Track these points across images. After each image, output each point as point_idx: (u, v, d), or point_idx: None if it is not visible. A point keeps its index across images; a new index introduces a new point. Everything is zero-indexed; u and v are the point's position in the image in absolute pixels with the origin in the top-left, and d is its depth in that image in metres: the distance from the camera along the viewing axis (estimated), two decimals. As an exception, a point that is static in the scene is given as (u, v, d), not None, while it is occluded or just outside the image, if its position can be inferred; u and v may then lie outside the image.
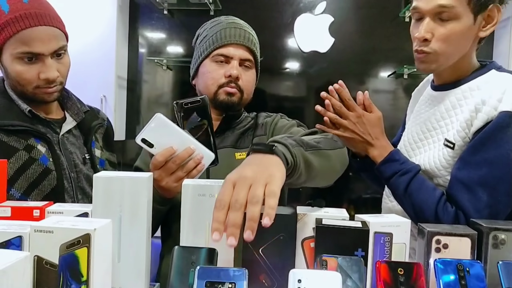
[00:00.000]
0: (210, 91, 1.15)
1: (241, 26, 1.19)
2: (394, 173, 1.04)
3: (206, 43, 1.17)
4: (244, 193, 0.65)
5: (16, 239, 0.61)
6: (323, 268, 0.67)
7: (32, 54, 1.02)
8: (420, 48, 1.01)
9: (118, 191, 0.76)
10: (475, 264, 0.67)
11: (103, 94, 2.42)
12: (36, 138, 1.06)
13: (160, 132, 0.88)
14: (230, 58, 1.15)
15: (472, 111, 0.96)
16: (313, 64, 2.58)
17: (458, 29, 0.97)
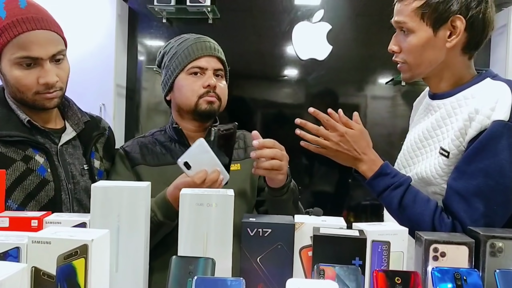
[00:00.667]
0: (191, 102, 1.19)
1: (208, 40, 1.25)
2: (387, 187, 1.02)
3: (179, 59, 1.21)
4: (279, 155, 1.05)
5: (13, 250, 0.61)
6: (320, 277, 0.67)
7: (31, 59, 1.01)
8: (394, 58, 1.11)
9: (116, 201, 0.76)
10: (472, 272, 0.67)
11: (102, 103, 2.43)
12: (34, 148, 1.05)
13: (198, 156, 1.00)
14: (205, 69, 1.20)
15: (466, 120, 0.97)
16: (311, 71, 2.59)
17: (416, 42, 1.03)
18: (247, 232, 0.77)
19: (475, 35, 1.02)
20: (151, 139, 1.26)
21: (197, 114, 1.20)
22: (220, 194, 0.79)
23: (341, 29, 2.50)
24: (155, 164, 1.20)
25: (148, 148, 1.23)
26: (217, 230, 0.78)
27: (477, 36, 1.03)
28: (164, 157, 1.21)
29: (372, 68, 2.56)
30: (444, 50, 1.03)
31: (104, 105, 2.43)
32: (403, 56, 1.07)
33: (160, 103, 2.82)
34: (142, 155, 1.21)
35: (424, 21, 1.01)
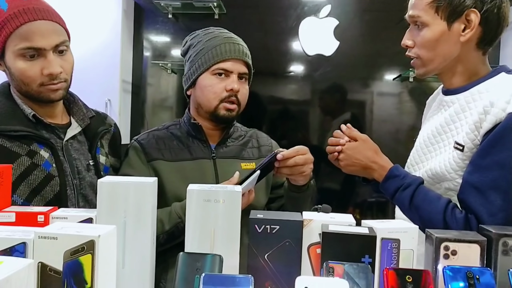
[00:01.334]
0: (211, 105, 1.19)
1: (238, 41, 1.23)
2: (397, 189, 1.03)
3: (205, 57, 1.19)
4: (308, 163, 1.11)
5: (20, 245, 0.60)
6: (329, 275, 0.66)
7: (34, 50, 1.01)
8: (407, 53, 1.10)
9: (122, 197, 0.75)
10: (485, 271, 0.66)
11: (108, 98, 2.42)
12: (39, 143, 1.05)
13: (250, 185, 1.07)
14: (230, 72, 1.19)
15: (481, 113, 0.96)
16: (318, 67, 2.57)
17: (430, 35, 1.03)
18: (254, 229, 0.76)
19: (490, 30, 1.02)
20: (167, 132, 1.25)
21: (215, 118, 1.21)
22: (227, 190, 0.78)
23: (348, 25, 2.47)
24: (172, 159, 1.19)
25: (164, 143, 1.22)
26: (224, 226, 0.77)
27: (492, 31, 1.02)
28: (182, 152, 1.20)
29: (380, 64, 2.53)
30: (458, 44, 1.02)
31: (110, 100, 2.43)
32: (416, 50, 1.06)
33: (165, 99, 2.81)
34: (159, 149, 1.20)
35: (438, 15, 1.01)
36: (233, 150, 1.26)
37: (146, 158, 1.19)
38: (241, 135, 1.31)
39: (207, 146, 1.23)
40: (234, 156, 1.24)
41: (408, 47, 1.08)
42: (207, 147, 1.23)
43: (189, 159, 1.19)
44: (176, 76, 2.76)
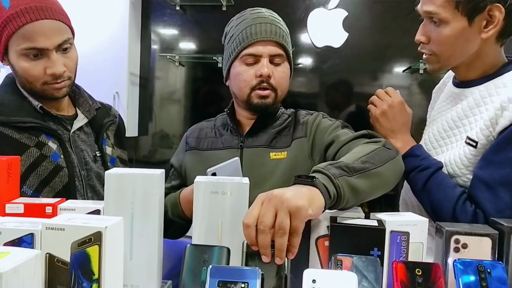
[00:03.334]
0: (244, 94, 1.12)
1: (267, 20, 1.12)
2: (414, 168, 1.02)
3: (234, 44, 1.13)
4: (269, 217, 0.68)
5: (28, 236, 0.61)
6: (338, 268, 0.66)
7: (37, 50, 1.01)
8: (420, 49, 1.05)
9: (130, 188, 0.75)
10: (497, 265, 0.65)
11: (116, 91, 2.43)
12: (47, 135, 1.05)
13: (230, 172, 0.94)
14: (259, 57, 1.10)
15: (498, 109, 0.93)
16: (326, 59, 2.55)
17: (449, 33, 0.97)
18: (262, 221, 0.76)
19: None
20: (212, 123, 1.25)
21: (250, 107, 1.13)
22: (235, 182, 0.78)
23: (357, 16, 2.44)
24: (206, 148, 1.18)
25: (205, 133, 1.22)
26: (232, 218, 0.77)
27: None
28: (216, 142, 1.19)
29: (389, 55, 2.50)
30: (478, 40, 0.97)
31: (118, 93, 2.43)
32: (431, 47, 1.01)
33: (174, 92, 2.81)
34: (198, 139, 1.21)
35: (458, 11, 0.95)
36: (264, 139, 1.15)
37: (186, 147, 1.21)
38: (283, 121, 1.18)
39: (238, 135, 1.17)
40: (263, 145, 1.14)
41: (422, 43, 1.03)
42: (238, 136, 1.17)
43: (219, 148, 1.17)
44: (184, 68, 2.76)
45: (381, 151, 0.92)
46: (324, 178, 0.77)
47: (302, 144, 1.13)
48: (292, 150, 1.12)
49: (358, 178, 0.81)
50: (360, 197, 0.82)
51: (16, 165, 0.83)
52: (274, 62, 1.11)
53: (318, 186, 0.74)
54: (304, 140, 1.13)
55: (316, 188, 0.73)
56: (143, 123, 2.73)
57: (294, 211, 0.68)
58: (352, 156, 0.88)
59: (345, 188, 0.77)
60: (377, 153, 0.90)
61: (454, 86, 1.09)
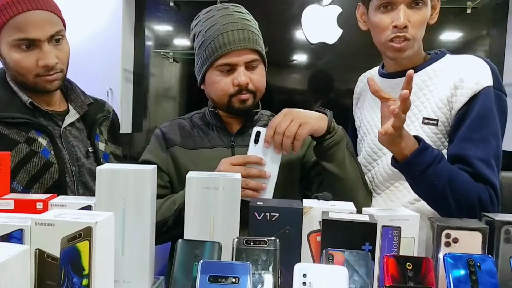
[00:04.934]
0: (223, 102, 1.12)
1: (238, 25, 1.09)
2: (432, 161, 0.95)
3: (206, 51, 1.10)
4: (286, 123, 0.99)
5: (17, 232, 0.60)
6: (329, 262, 0.66)
7: (29, 41, 1.00)
8: (402, 34, 1.04)
9: (121, 184, 0.75)
10: (486, 259, 0.65)
11: (109, 87, 2.41)
12: (37, 130, 1.04)
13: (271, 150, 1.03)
14: (235, 65, 1.08)
15: (452, 89, 1.04)
16: (321, 56, 2.55)
17: (428, 14, 1.07)
18: (254, 216, 0.76)
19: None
20: (189, 121, 1.22)
21: (231, 110, 1.13)
22: (227, 177, 0.78)
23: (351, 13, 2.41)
24: (191, 147, 1.16)
25: (186, 131, 1.19)
26: (224, 214, 0.77)
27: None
28: (201, 141, 1.17)
29: (383, 52, 2.50)
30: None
31: (112, 89, 2.42)
32: (411, 31, 1.05)
33: (169, 89, 2.80)
34: (179, 136, 1.18)
35: None
36: None
37: (166, 145, 1.17)
38: (266, 120, 1.21)
39: (227, 135, 1.17)
40: None
41: (406, 27, 1.04)
42: (227, 135, 1.17)
43: (207, 147, 1.15)
44: (178, 65, 2.75)
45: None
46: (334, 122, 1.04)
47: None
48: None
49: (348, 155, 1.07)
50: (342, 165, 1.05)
51: (6, 161, 0.82)
52: (250, 67, 1.10)
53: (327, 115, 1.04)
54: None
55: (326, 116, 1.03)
56: (137, 120, 2.72)
57: (303, 123, 0.99)
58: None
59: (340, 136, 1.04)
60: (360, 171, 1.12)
61: (390, 78, 1.15)
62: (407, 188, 1.11)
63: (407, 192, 1.12)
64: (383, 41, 1.07)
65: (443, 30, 2.56)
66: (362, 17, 1.17)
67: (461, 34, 2.57)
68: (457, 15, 2.52)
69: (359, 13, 1.18)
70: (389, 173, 1.12)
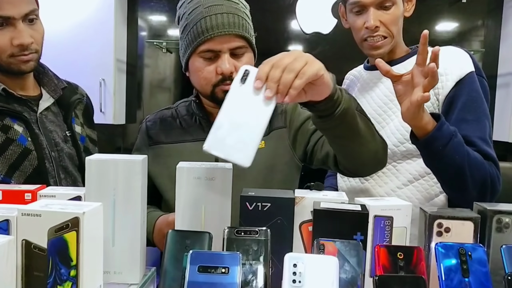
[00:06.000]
0: (206, 91, 1.04)
1: (223, 9, 1.00)
2: (452, 135, 0.97)
3: (189, 37, 1.02)
4: (288, 60, 0.72)
5: (3, 223, 0.59)
6: (320, 252, 0.65)
7: (2, 19, 0.96)
8: (375, 34, 1.14)
9: (111, 174, 0.74)
10: (477, 248, 0.65)
11: (102, 78, 2.39)
12: (12, 118, 1.01)
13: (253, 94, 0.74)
14: (219, 52, 1.00)
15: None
16: (315, 46, 2.53)
17: (399, 13, 1.15)
18: (245, 206, 0.75)
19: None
20: (174, 111, 1.16)
21: (216, 101, 1.05)
22: (218, 167, 0.77)
23: (346, 2, 2.43)
24: (173, 141, 1.11)
25: (168, 123, 1.13)
26: (215, 204, 0.76)
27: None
28: (183, 133, 1.11)
29: (378, 42, 2.49)
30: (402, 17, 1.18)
31: (104, 80, 2.40)
32: (384, 30, 1.14)
33: (163, 80, 2.78)
34: (161, 131, 1.13)
35: None
36: None
37: (149, 142, 1.13)
38: None
39: (209, 125, 1.11)
40: None
41: (377, 27, 1.13)
42: (209, 126, 1.11)
43: (189, 140, 1.09)
44: (172, 55, 2.73)
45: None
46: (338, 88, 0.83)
47: (281, 135, 1.08)
48: (271, 141, 1.07)
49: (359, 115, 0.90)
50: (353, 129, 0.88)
51: (-7, 151, 0.81)
52: (235, 54, 1.01)
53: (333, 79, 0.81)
54: (284, 130, 1.09)
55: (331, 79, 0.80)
56: (130, 111, 2.70)
57: (311, 61, 0.74)
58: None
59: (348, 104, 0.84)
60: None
61: (373, 70, 1.22)
62: (395, 173, 1.15)
63: (395, 177, 1.16)
64: (359, 40, 1.18)
65: (438, 21, 2.55)
66: (344, 16, 1.25)
67: (456, 24, 2.56)
68: (452, 5, 2.51)
69: (341, 12, 1.26)
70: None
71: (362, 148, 0.92)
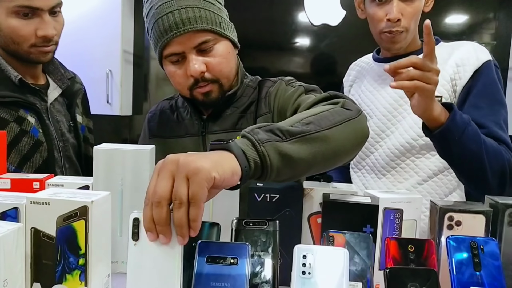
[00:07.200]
0: (186, 95, 0.99)
1: (173, 7, 0.90)
2: (466, 124, 0.95)
3: (153, 41, 0.96)
4: (164, 185, 0.55)
5: (12, 210, 0.59)
6: (330, 244, 0.65)
7: (30, 9, 0.97)
8: (395, 28, 1.11)
9: (119, 164, 0.74)
10: (489, 241, 0.64)
11: (109, 69, 2.39)
12: (25, 108, 1.02)
13: None
14: (183, 53, 0.92)
15: (454, 67, 1.11)
16: (323, 38, 2.51)
17: (421, 6, 1.13)
18: (254, 197, 0.75)
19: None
20: (174, 103, 1.11)
21: (199, 103, 1.00)
22: None
23: (355, -6, 2.40)
24: (168, 136, 1.07)
25: (166, 116, 1.09)
26: (223, 195, 0.75)
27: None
28: (177, 127, 1.06)
29: (387, 35, 2.46)
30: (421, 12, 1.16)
31: (111, 71, 2.39)
32: (404, 23, 1.11)
33: (168, 71, 2.77)
34: (158, 124, 1.10)
35: None
36: (228, 121, 1.00)
37: (149, 134, 1.11)
38: (247, 98, 1.02)
39: (199, 119, 1.03)
40: (228, 129, 0.99)
41: (399, 20, 1.11)
42: (199, 120, 1.03)
43: (181, 135, 1.04)
44: (178, 47, 2.71)
45: (335, 112, 0.75)
46: (245, 143, 0.62)
47: (267, 122, 0.97)
48: None
49: (294, 144, 0.66)
50: (298, 167, 0.66)
51: (2, 140, 0.81)
52: (203, 50, 0.92)
53: (232, 150, 0.60)
54: (268, 116, 0.99)
55: (230, 153, 0.60)
56: (137, 103, 2.70)
57: (192, 175, 0.54)
58: (294, 118, 0.72)
59: (273, 156, 0.63)
60: (328, 114, 0.73)
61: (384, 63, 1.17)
62: (413, 168, 1.13)
63: (414, 173, 1.13)
64: (378, 32, 1.15)
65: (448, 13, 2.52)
66: (360, 6, 1.22)
67: (467, 17, 2.52)
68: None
69: (357, 1, 1.23)
70: (396, 152, 1.14)
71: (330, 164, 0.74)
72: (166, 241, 0.56)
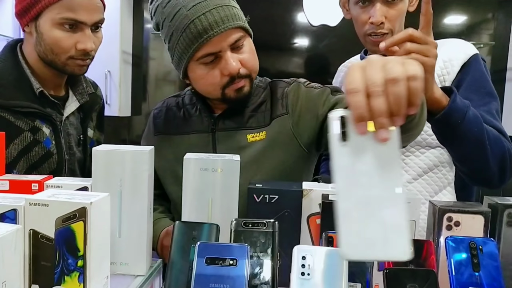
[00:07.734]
0: (215, 95, 0.98)
1: (210, 6, 0.90)
2: (467, 105, 0.92)
3: (181, 45, 0.93)
4: (378, 73, 0.50)
5: (10, 212, 0.59)
6: (329, 245, 0.65)
7: (75, 22, 0.99)
8: (379, 30, 1.10)
9: (118, 165, 0.74)
10: (488, 242, 0.64)
11: (108, 70, 2.39)
12: (41, 119, 1.04)
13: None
14: (219, 52, 0.92)
15: (441, 63, 1.11)
16: (322, 38, 2.51)
17: (405, 8, 1.12)
18: (253, 198, 0.75)
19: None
20: (181, 100, 1.10)
21: (227, 101, 0.99)
22: (226, 159, 0.76)
23: (354, -6, 2.40)
24: (174, 132, 1.06)
25: (172, 113, 1.09)
26: (222, 196, 0.76)
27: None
28: (184, 124, 1.06)
29: (386, 35, 2.47)
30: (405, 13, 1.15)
31: (110, 72, 2.39)
32: (388, 25, 1.10)
33: (169, 73, 2.77)
34: (165, 121, 1.09)
35: None
36: (239, 119, 1.01)
37: (154, 130, 1.11)
38: (258, 97, 1.03)
39: (208, 116, 1.03)
40: (238, 127, 1.00)
41: (382, 23, 1.10)
42: (208, 117, 1.03)
43: (189, 132, 1.04)
44: (177, 47, 2.71)
45: None
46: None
47: (283, 122, 0.99)
48: (272, 130, 0.99)
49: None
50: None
51: (1, 142, 0.81)
52: (236, 47, 0.94)
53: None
54: (286, 117, 1.00)
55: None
56: (136, 103, 2.70)
57: (407, 61, 0.51)
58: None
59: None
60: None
61: None
62: (403, 167, 1.16)
63: (404, 171, 1.16)
64: (362, 34, 1.14)
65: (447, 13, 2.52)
66: (345, 6, 1.21)
67: (466, 17, 2.52)
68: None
69: (342, 1, 1.23)
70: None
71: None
72: (388, 137, 0.49)
